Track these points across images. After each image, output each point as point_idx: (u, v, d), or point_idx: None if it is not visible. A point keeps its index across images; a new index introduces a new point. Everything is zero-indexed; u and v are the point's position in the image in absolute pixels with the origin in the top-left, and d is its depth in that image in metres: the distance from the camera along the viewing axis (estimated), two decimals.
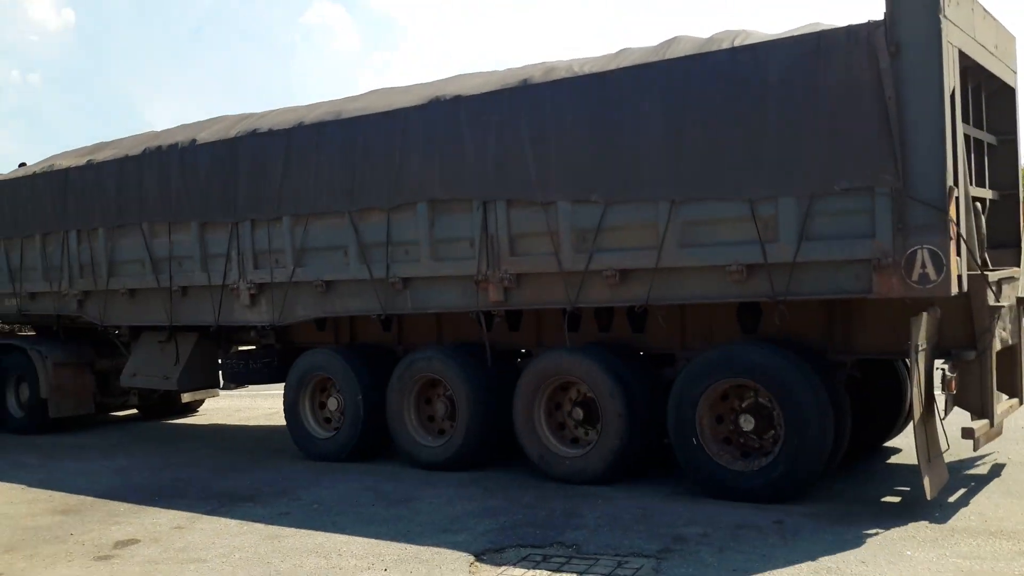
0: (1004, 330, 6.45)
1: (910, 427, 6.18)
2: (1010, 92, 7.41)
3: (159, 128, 10.70)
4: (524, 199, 7.17)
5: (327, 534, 6.09)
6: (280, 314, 8.85)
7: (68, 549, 6.05)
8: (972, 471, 7.09)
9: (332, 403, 8.82)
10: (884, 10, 5.71)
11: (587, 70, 7.00)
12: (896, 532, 5.56)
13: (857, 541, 5.41)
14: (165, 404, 12.44)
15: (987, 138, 7.21)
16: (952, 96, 5.74)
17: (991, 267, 6.63)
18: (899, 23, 5.67)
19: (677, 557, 5.29)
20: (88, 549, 6.03)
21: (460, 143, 7.49)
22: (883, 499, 6.53)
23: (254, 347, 10.04)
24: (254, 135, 8.86)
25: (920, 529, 5.62)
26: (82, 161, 10.72)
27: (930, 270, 5.65)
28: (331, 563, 5.45)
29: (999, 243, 7.22)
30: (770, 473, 6.32)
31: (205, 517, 6.75)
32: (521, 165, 7.16)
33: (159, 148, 9.70)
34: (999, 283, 6.34)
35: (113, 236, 10.19)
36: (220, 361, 10.24)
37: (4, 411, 11.85)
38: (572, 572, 5.14)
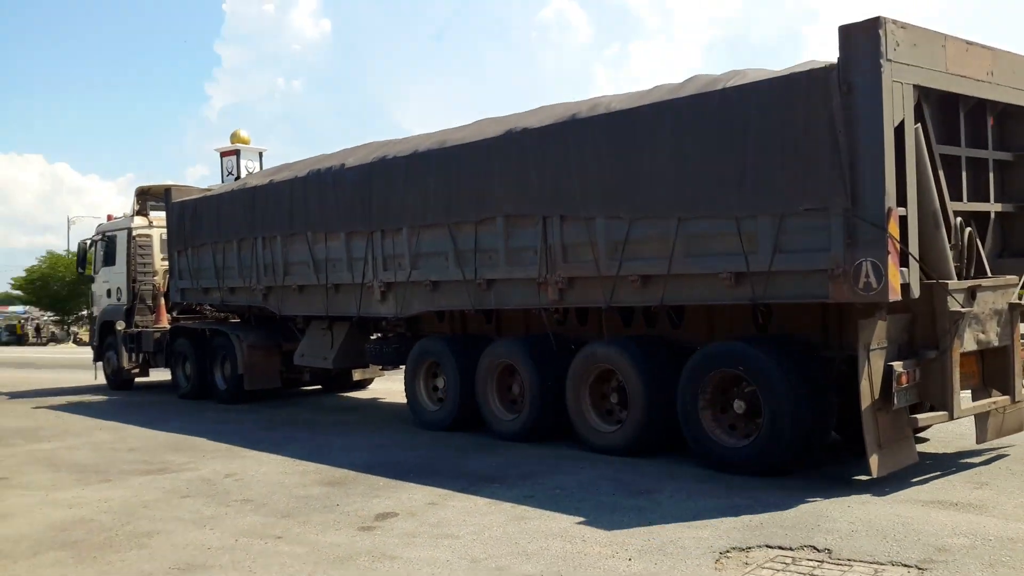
0: (983, 332, 7.21)
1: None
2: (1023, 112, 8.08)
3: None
4: (572, 215, 8.57)
5: (571, 519, 6.22)
6: (401, 308, 10.63)
7: (335, 518, 6.56)
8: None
9: (439, 382, 10.50)
10: (838, 55, 6.64)
11: (616, 107, 8.31)
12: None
13: None
14: (340, 380, 14.60)
15: (1002, 156, 8.06)
16: (901, 127, 6.59)
17: (990, 275, 7.50)
18: (848, 67, 6.57)
19: (941, 568, 4.94)
20: (353, 520, 6.51)
21: (526, 168, 8.97)
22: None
23: (390, 334, 11.97)
24: (383, 161, 10.64)
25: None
26: (265, 181, 12.98)
27: (872, 279, 6.50)
28: (576, 548, 5.55)
29: (1019, 251, 8.13)
30: (754, 449, 7.39)
31: (456, 495, 7.09)
32: (569, 186, 8.53)
33: (319, 171, 11.66)
34: (973, 290, 7.07)
35: (287, 242, 12.25)
36: (365, 346, 12.13)
37: (213, 384, 14.39)
38: None
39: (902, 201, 6.63)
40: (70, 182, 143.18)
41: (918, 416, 7.06)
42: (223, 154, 70.01)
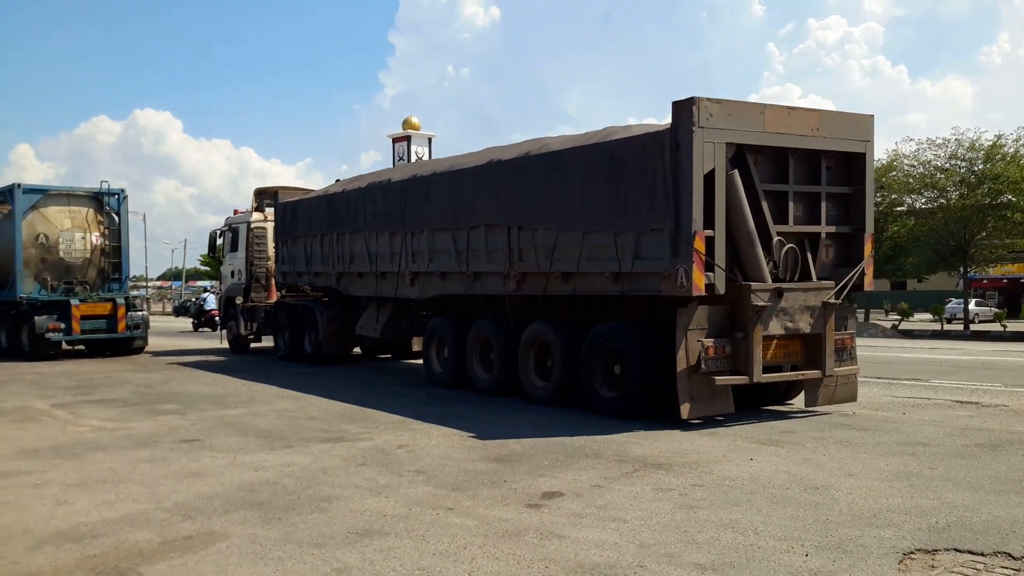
0: (791, 322, 9.61)
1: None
2: (859, 156, 10.39)
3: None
4: (524, 226, 11.35)
5: (742, 511, 6.06)
6: (422, 291, 13.77)
7: (503, 494, 6.66)
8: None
9: (445, 352, 13.35)
10: (671, 122, 9.29)
11: (553, 148, 11.17)
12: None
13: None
14: (402, 349, 18.10)
15: (840, 190, 10.44)
16: (712, 173, 9.12)
17: (815, 280, 9.98)
18: (676, 131, 9.18)
19: None
20: (520, 496, 6.59)
21: (498, 190, 11.85)
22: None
23: (423, 312, 14.90)
24: (414, 178, 13.79)
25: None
26: (340, 189, 16.53)
27: (684, 280, 9.10)
28: (749, 540, 5.40)
29: (856, 262, 10.40)
30: (619, 399, 10.13)
31: (621, 479, 7.06)
32: (523, 205, 11.36)
33: (371, 184, 15.14)
34: (780, 291, 9.52)
35: (352, 239, 15.55)
36: (402, 321, 15.47)
37: (303, 349, 18.00)
38: None
39: (710, 225, 9.15)
40: (255, 166, 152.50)
41: (719, 378, 9.33)
42: (395, 140, 72.39)
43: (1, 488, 7.11)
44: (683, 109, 9.13)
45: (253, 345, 21.32)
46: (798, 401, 10.85)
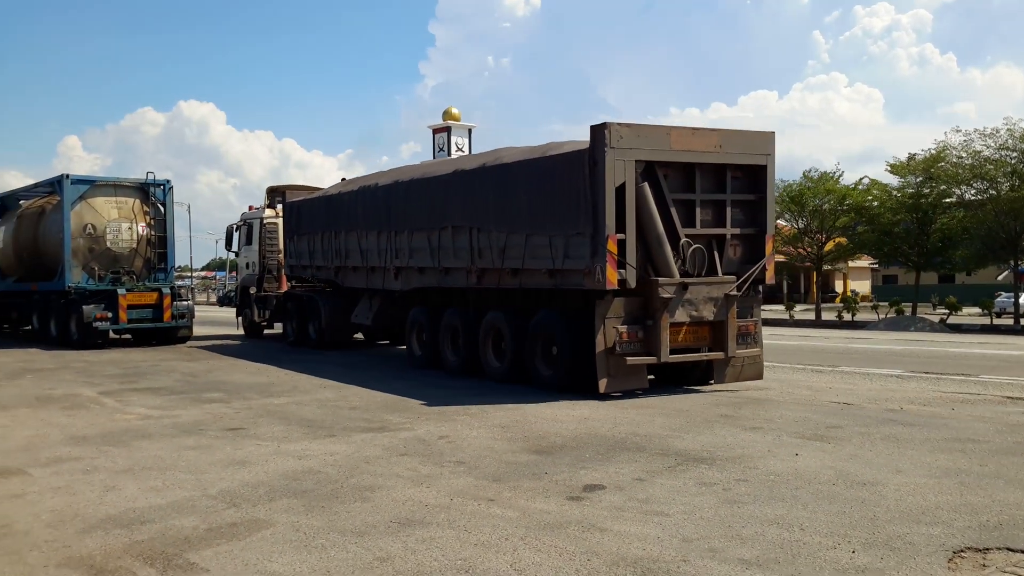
0: (695, 311, 11.00)
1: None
2: (761, 168, 11.76)
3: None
4: (482, 228, 12.80)
5: (787, 506, 5.98)
6: (404, 284, 15.29)
7: (544, 486, 6.64)
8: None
9: (424, 337, 14.91)
10: (590, 142, 10.74)
11: (505, 160, 12.70)
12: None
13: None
14: (401, 336, 17.62)
15: (745, 197, 11.78)
16: (623, 187, 10.61)
17: (720, 275, 11.35)
18: (593, 150, 10.64)
19: None
20: (561, 488, 6.57)
21: (461, 196, 13.39)
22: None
23: (403, 303, 16.02)
24: (396, 183, 15.41)
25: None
26: (335, 191, 18.26)
27: (600, 276, 10.56)
28: (794, 536, 5.33)
29: (758, 258, 11.74)
30: (556, 376, 11.73)
31: (664, 472, 7.00)
32: (480, 209, 12.86)
33: (362, 187, 16.76)
34: (685, 284, 10.90)
35: (347, 236, 17.01)
36: (390, 311, 16.74)
37: (308, 335, 19.52)
38: None
39: (622, 230, 10.65)
40: (296, 157, 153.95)
41: (631, 359, 10.87)
42: (435, 131, 72.44)
43: (53, 473, 7.26)
44: (598, 132, 10.67)
45: (266, 332, 23.04)
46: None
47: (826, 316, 38.47)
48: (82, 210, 20.39)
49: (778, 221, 45.82)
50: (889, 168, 39.75)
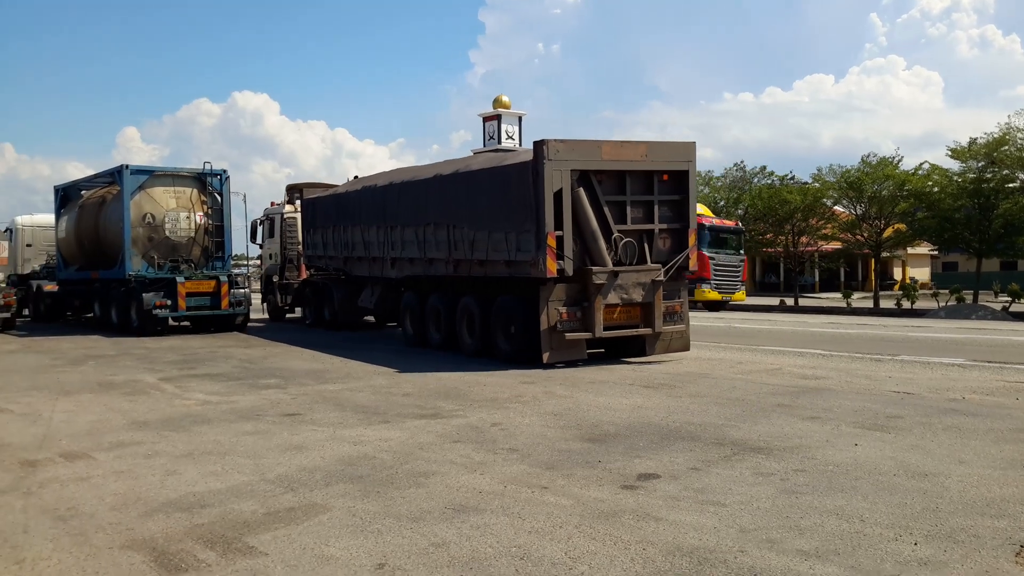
0: (626, 294, 13.10)
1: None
2: (684, 173, 13.84)
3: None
4: (456, 225, 14.77)
5: (847, 497, 5.87)
6: (398, 273, 17.37)
7: (598, 474, 6.62)
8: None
9: (414, 318, 16.90)
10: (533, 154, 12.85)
11: (473, 167, 15.15)
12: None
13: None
14: (397, 317, 19.02)
15: (672, 197, 13.86)
16: (560, 192, 12.67)
17: (649, 264, 13.46)
18: (535, 162, 12.73)
19: None
20: (615, 477, 6.54)
21: (441, 197, 15.45)
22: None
23: (399, 289, 18.20)
24: (391, 184, 17.58)
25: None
26: (343, 190, 20.57)
27: (542, 267, 12.60)
28: (854, 528, 5.23)
29: (682, 248, 13.82)
30: (513, 350, 13.73)
31: (720, 462, 6.93)
32: (455, 209, 14.92)
33: (365, 187, 18.91)
34: (616, 272, 13.00)
35: (353, 230, 18.96)
36: (388, 296, 18.69)
37: (322, 317, 21.79)
38: None
39: (560, 227, 12.65)
40: (349, 146, 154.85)
41: (569, 335, 12.86)
42: (485, 119, 72.39)
43: (116, 457, 7.44)
44: (538, 147, 12.71)
45: (287, 316, 25.37)
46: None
47: (884, 304, 37.73)
48: (141, 200, 20.83)
49: (835, 207, 45.10)
50: (950, 153, 38.78)
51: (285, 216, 24.36)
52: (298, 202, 23.65)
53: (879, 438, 7.76)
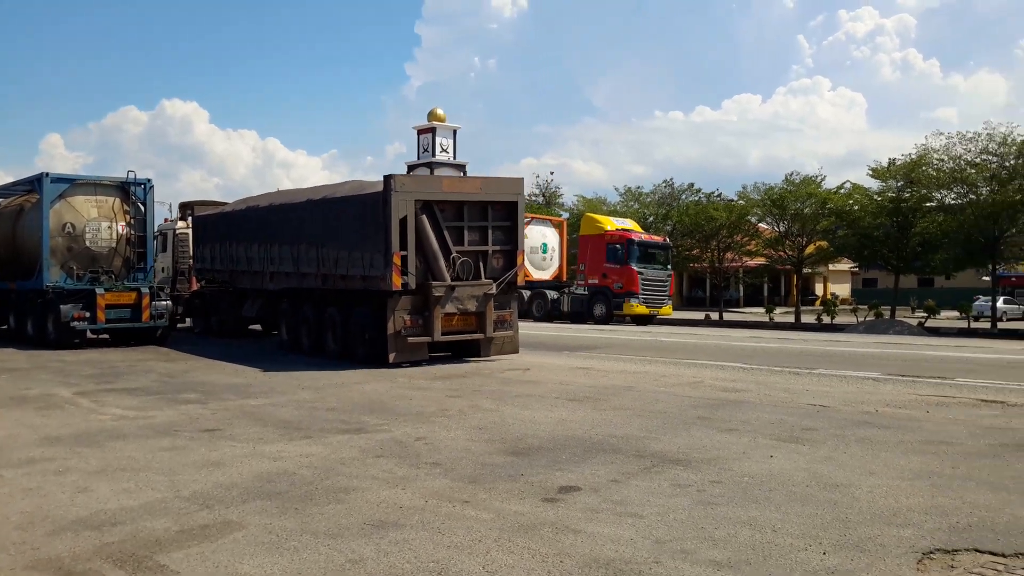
0: (462, 304, 15.33)
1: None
2: (513, 203, 16.38)
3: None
4: (325, 245, 16.61)
5: (760, 508, 6.01)
6: (276, 286, 19.08)
7: (520, 488, 6.64)
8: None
9: (289, 326, 18.85)
10: (383, 185, 15.12)
11: (339, 194, 17.12)
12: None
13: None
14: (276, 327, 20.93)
15: (504, 223, 16.26)
16: (405, 219, 14.79)
17: (483, 279, 15.77)
18: (384, 193, 14.85)
19: None
20: (536, 490, 6.57)
21: (311, 219, 17.38)
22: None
23: (277, 300, 19.79)
24: (270, 206, 19.62)
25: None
26: (230, 209, 22.88)
27: (389, 282, 14.70)
28: (766, 538, 5.35)
29: (511, 267, 16.26)
30: (368, 354, 15.71)
31: (639, 474, 7.02)
32: (323, 230, 16.78)
33: (249, 207, 20.96)
34: (453, 287, 15.21)
35: (237, 246, 20.62)
36: (268, 307, 20.45)
37: (211, 326, 23.51)
38: None
39: (404, 248, 14.69)
40: (280, 157, 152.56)
41: (411, 339, 15.05)
42: (420, 131, 72.37)
43: (24, 475, 7.20)
44: (387, 181, 14.92)
45: (179, 325, 25.54)
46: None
47: (806, 319, 38.70)
48: (61, 209, 20.22)
49: (760, 224, 46.18)
50: (871, 172, 40.11)
51: (177, 232, 26.07)
52: (190, 218, 25.53)
53: (794, 450, 7.96)
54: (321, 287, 17.18)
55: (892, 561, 4.94)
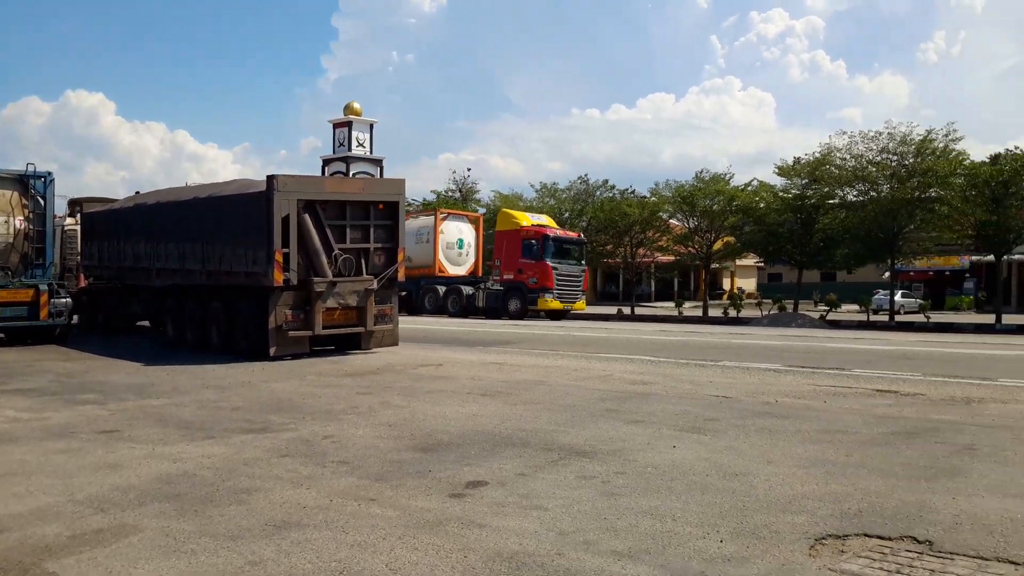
0: (343, 299, 15.85)
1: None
2: (395, 203, 16.92)
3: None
4: (208, 241, 17.01)
5: (662, 497, 6.13)
6: (162, 282, 19.38)
7: (427, 484, 6.63)
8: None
9: (175, 321, 19.06)
10: (266, 186, 15.44)
11: (224, 193, 17.71)
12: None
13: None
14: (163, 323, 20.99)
15: (386, 222, 16.74)
16: (287, 217, 15.17)
17: (364, 275, 16.25)
18: (267, 193, 15.24)
19: None
20: (444, 486, 6.57)
21: (198, 216, 17.80)
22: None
23: (163, 296, 20.08)
24: (158, 204, 20.02)
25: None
26: (118, 206, 23.30)
27: (271, 277, 15.06)
28: (666, 527, 5.47)
29: (392, 263, 16.74)
30: (252, 348, 16.03)
31: (547, 467, 7.08)
32: (209, 229, 17.18)
33: (136, 204, 21.57)
34: (335, 282, 15.66)
35: (126, 243, 20.85)
36: (155, 302, 20.89)
37: (97, 323, 23.25)
38: (923, 570, 4.72)
39: (286, 246, 15.11)
40: (190, 149, 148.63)
41: (292, 333, 15.53)
42: (335, 125, 71.42)
43: None
44: (269, 181, 15.29)
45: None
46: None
47: (713, 312, 39.61)
48: None
49: (671, 221, 47.08)
50: (777, 170, 41.25)
51: (66, 228, 25.67)
52: (79, 215, 25.53)
53: (696, 440, 8.15)
54: (206, 283, 17.52)
55: (786, 547, 5.10)
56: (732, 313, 39.20)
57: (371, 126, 64.39)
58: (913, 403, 10.50)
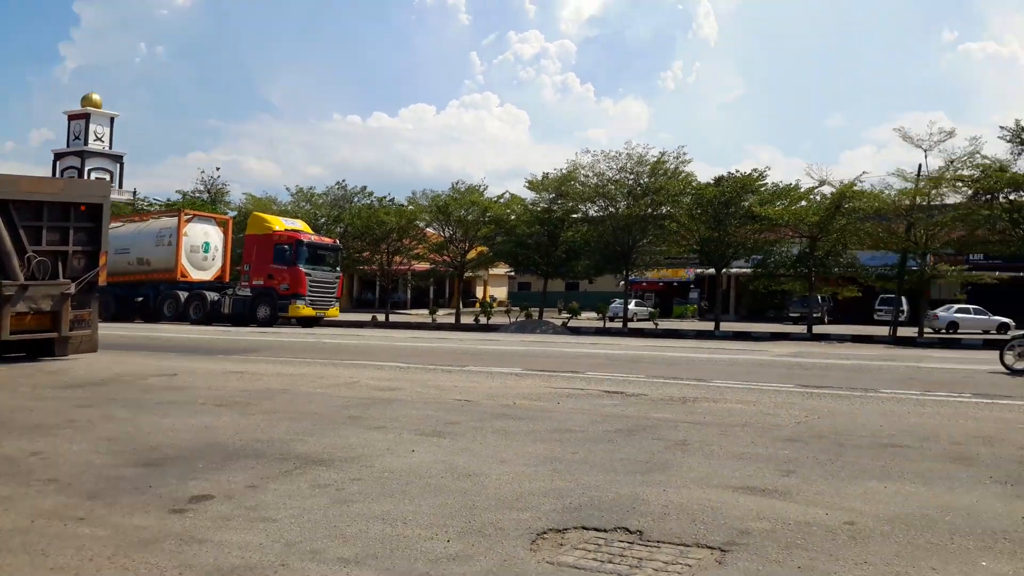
0: (35, 304, 15.21)
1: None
2: (99, 205, 16.40)
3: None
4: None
5: (395, 502, 6.15)
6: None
7: (146, 501, 6.22)
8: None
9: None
10: None
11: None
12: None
13: None
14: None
15: (88, 225, 16.21)
16: None
17: (61, 279, 15.74)
18: None
19: (741, 551, 5.16)
20: (165, 502, 6.19)
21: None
22: None
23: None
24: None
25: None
26: None
27: None
28: (396, 531, 5.48)
29: (94, 268, 16.64)
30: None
31: (279, 478, 6.88)
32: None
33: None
34: (27, 285, 15.02)
35: None
36: None
37: None
38: (633, 558, 5.07)
39: None
40: None
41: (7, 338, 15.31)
42: (71, 117, 65.84)
43: None
44: None
45: None
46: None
47: (465, 319, 40.46)
48: None
49: (428, 229, 47.62)
50: (527, 184, 42.92)
51: None
52: None
53: (435, 443, 8.26)
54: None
55: (509, 543, 5.27)
56: (483, 320, 40.25)
57: (112, 120, 60.02)
58: (636, 403, 11.27)
